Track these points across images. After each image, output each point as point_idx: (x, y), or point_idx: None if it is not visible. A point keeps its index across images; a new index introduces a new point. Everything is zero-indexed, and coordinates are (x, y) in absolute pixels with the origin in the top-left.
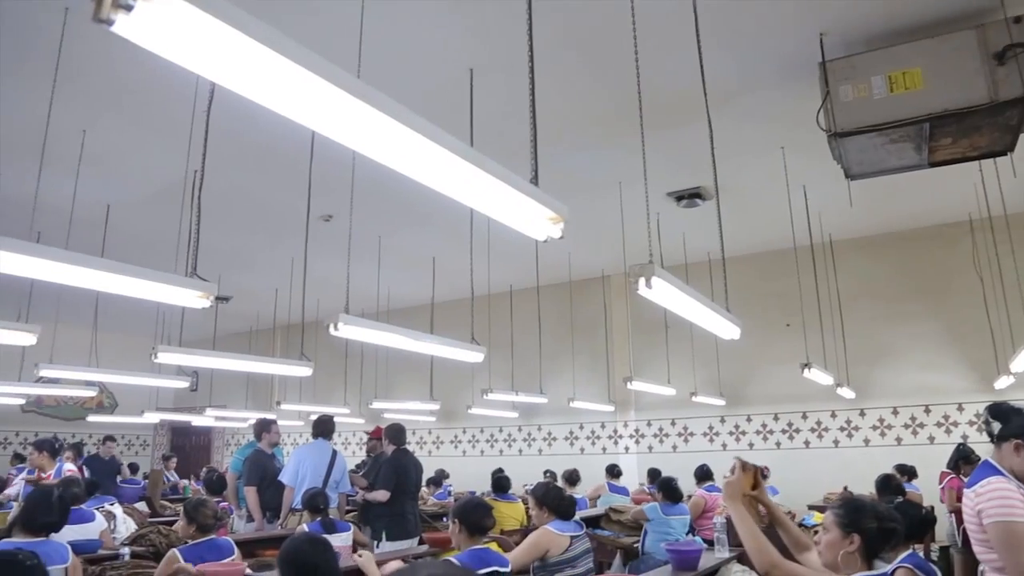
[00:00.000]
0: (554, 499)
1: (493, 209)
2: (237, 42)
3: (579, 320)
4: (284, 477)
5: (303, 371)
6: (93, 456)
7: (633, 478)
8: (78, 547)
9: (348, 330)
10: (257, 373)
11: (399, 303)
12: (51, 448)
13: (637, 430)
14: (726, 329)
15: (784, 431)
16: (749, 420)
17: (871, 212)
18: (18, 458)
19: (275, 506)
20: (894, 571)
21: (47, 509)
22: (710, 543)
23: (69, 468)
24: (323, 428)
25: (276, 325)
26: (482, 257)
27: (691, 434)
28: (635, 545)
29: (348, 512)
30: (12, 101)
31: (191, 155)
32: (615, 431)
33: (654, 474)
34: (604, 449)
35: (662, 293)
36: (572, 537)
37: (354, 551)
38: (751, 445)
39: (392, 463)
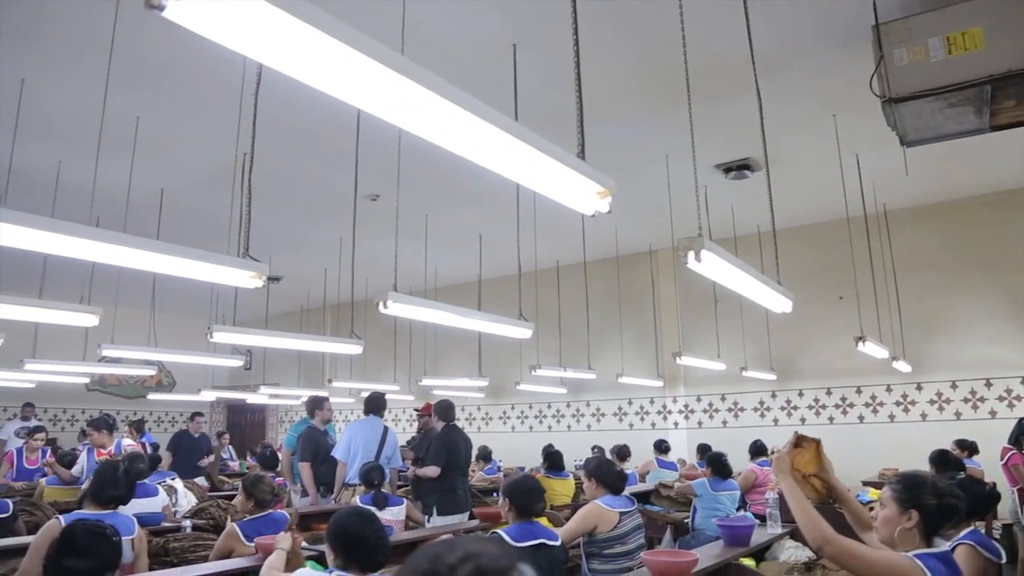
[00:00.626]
0: (606, 474)
1: (540, 184)
2: (283, 22)
3: (627, 295)
4: (337, 453)
5: (353, 349)
6: (182, 432)
7: (683, 454)
8: (143, 520)
9: (397, 308)
10: (308, 351)
11: (446, 281)
12: (107, 426)
13: (687, 405)
14: (777, 302)
15: (837, 406)
16: (801, 395)
17: (927, 180)
18: (85, 434)
19: (329, 481)
20: (955, 548)
21: (114, 483)
22: (762, 519)
23: (128, 443)
24: (374, 404)
25: (326, 304)
26: (529, 233)
27: (741, 409)
28: (685, 521)
29: (399, 488)
30: (69, 90)
31: (240, 138)
32: (664, 406)
33: (703, 449)
34: (653, 425)
35: (711, 266)
36: (622, 513)
37: (407, 527)
38: (803, 420)
39: (442, 439)
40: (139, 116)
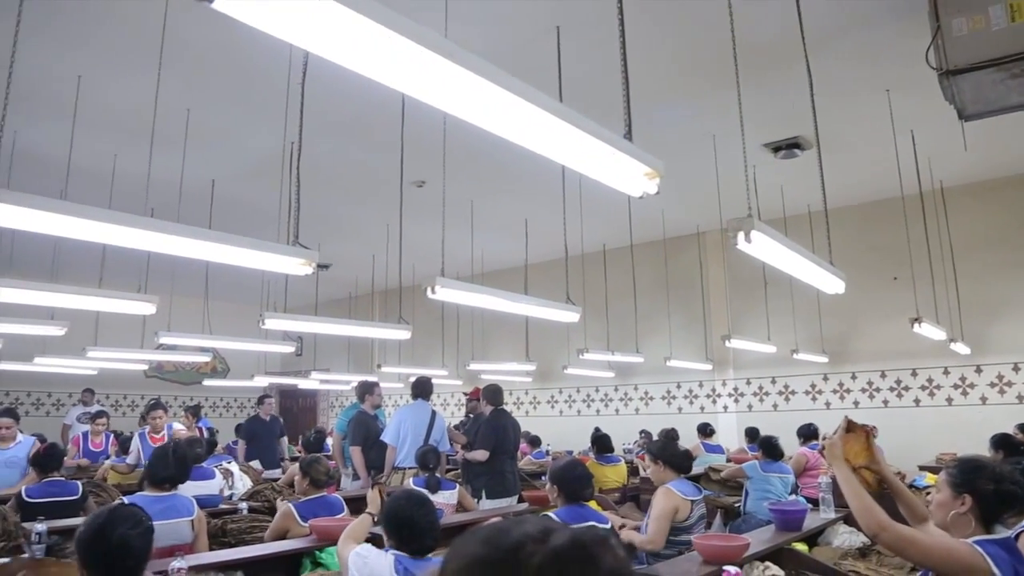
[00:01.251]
0: (672, 454)
1: (588, 167)
2: (328, 9)
3: (674, 278)
4: (386, 437)
5: (402, 334)
6: (253, 418)
7: (732, 437)
8: (201, 501)
9: (445, 293)
10: (357, 337)
11: (492, 265)
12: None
13: (736, 389)
14: (829, 283)
15: (892, 389)
16: (854, 378)
17: (987, 155)
18: (145, 420)
19: (379, 465)
20: (1018, 535)
21: (164, 464)
22: (814, 503)
23: (178, 427)
24: (422, 389)
25: (374, 290)
26: (575, 217)
27: (792, 392)
28: (736, 505)
29: (448, 471)
30: (123, 85)
31: (288, 127)
32: (713, 390)
33: (752, 433)
34: (702, 408)
35: (761, 247)
36: (692, 502)
37: (458, 511)
38: (856, 403)
39: (490, 423)
40: (190, 108)
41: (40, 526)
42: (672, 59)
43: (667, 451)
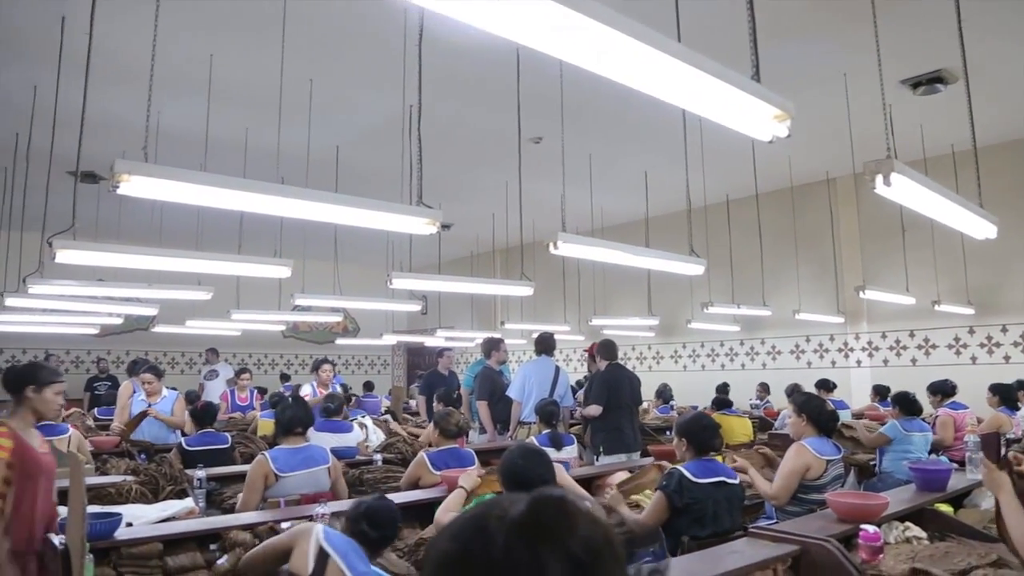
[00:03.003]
0: (815, 408)
1: (713, 111)
2: None
3: (803, 227)
4: (512, 392)
5: (524, 291)
6: (433, 372)
7: (867, 393)
8: (339, 453)
9: (567, 248)
10: (480, 295)
11: (612, 220)
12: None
13: (870, 343)
14: (979, 228)
15: None
16: (1005, 331)
17: None
18: (284, 377)
19: (504, 419)
20: None
21: (283, 408)
22: (959, 464)
23: (306, 392)
24: (545, 345)
25: (495, 248)
26: (696, 167)
27: (933, 346)
28: (871, 463)
29: (571, 426)
30: (250, 61)
31: (406, 91)
32: (845, 344)
33: (880, 390)
34: (833, 363)
35: (902, 190)
36: (828, 462)
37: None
38: (1007, 358)
39: (603, 379)
40: (312, 79)
41: (200, 472)
42: None
43: (812, 405)
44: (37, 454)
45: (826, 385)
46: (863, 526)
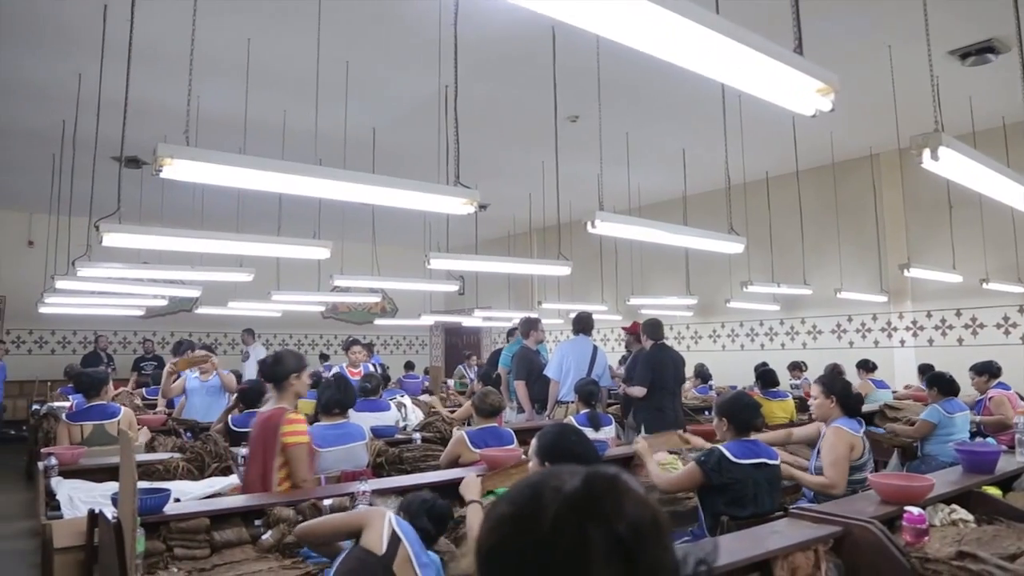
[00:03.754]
0: (842, 389)
1: (754, 86)
2: None
3: (845, 204)
4: (549, 371)
5: (561, 270)
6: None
7: (911, 374)
8: (378, 431)
9: (605, 227)
10: (517, 274)
11: (650, 199)
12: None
13: (915, 322)
14: None
15: None
16: None
17: None
18: (323, 357)
19: (542, 398)
20: None
21: (324, 388)
22: (1007, 446)
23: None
24: (583, 324)
25: (532, 228)
26: (735, 144)
27: (981, 326)
28: (913, 444)
29: (609, 406)
30: (287, 44)
31: (441, 71)
32: (889, 323)
33: (925, 370)
34: (876, 342)
35: (951, 165)
36: (863, 439)
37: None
38: None
39: (648, 358)
40: (348, 61)
41: (244, 450)
42: None
43: (840, 386)
44: None
45: (867, 365)
46: (907, 508)
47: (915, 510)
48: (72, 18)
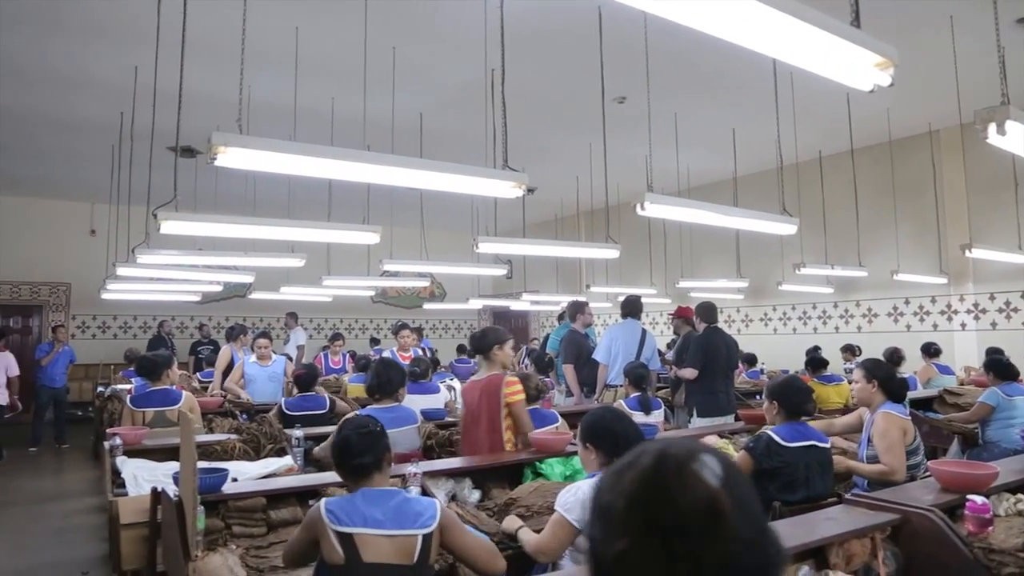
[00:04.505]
0: (885, 374)
1: (810, 61)
2: None
3: (902, 183)
4: (598, 355)
5: (610, 253)
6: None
7: (972, 358)
8: (428, 414)
9: (654, 209)
10: (565, 258)
11: (699, 180)
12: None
13: (976, 304)
14: None
15: None
16: None
17: None
18: (374, 341)
19: (591, 382)
20: None
21: (376, 374)
22: None
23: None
24: (631, 308)
25: (579, 211)
26: (787, 123)
27: None
28: (974, 431)
29: (658, 389)
30: (334, 31)
31: (487, 55)
32: (948, 306)
33: (994, 354)
34: (935, 326)
35: (1019, 139)
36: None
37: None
38: None
39: (700, 342)
40: (395, 47)
41: (298, 432)
42: None
43: (879, 370)
44: None
45: (930, 349)
46: (970, 496)
47: (978, 499)
48: (126, 13)
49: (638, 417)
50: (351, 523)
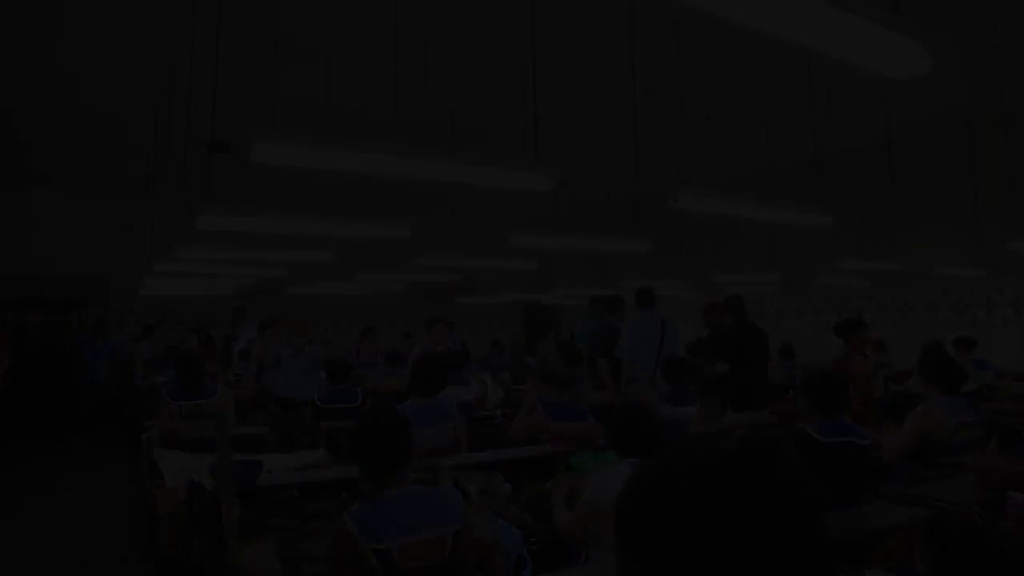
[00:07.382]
0: (934, 364)
1: (848, 49)
2: None
3: (940, 174)
4: (620, 351)
5: (641, 247)
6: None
7: (1011, 353)
8: (459, 406)
9: (686, 201)
10: (596, 251)
11: (731, 172)
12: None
13: (1018, 298)
14: None
15: None
16: None
17: None
18: (405, 335)
19: (619, 377)
20: None
21: (416, 369)
22: None
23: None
24: (644, 299)
25: (611, 205)
26: (822, 114)
27: None
28: (1017, 427)
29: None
30: (364, 24)
31: (520, 48)
32: (988, 299)
33: None
34: (974, 320)
35: None
36: (960, 424)
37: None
38: None
39: (731, 335)
40: (426, 40)
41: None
42: None
43: (929, 360)
44: None
45: (965, 343)
46: (1012, 493)
47: (1021, 496)
48: (161, 12)
49: (668, 410)
50: (387, 535)
